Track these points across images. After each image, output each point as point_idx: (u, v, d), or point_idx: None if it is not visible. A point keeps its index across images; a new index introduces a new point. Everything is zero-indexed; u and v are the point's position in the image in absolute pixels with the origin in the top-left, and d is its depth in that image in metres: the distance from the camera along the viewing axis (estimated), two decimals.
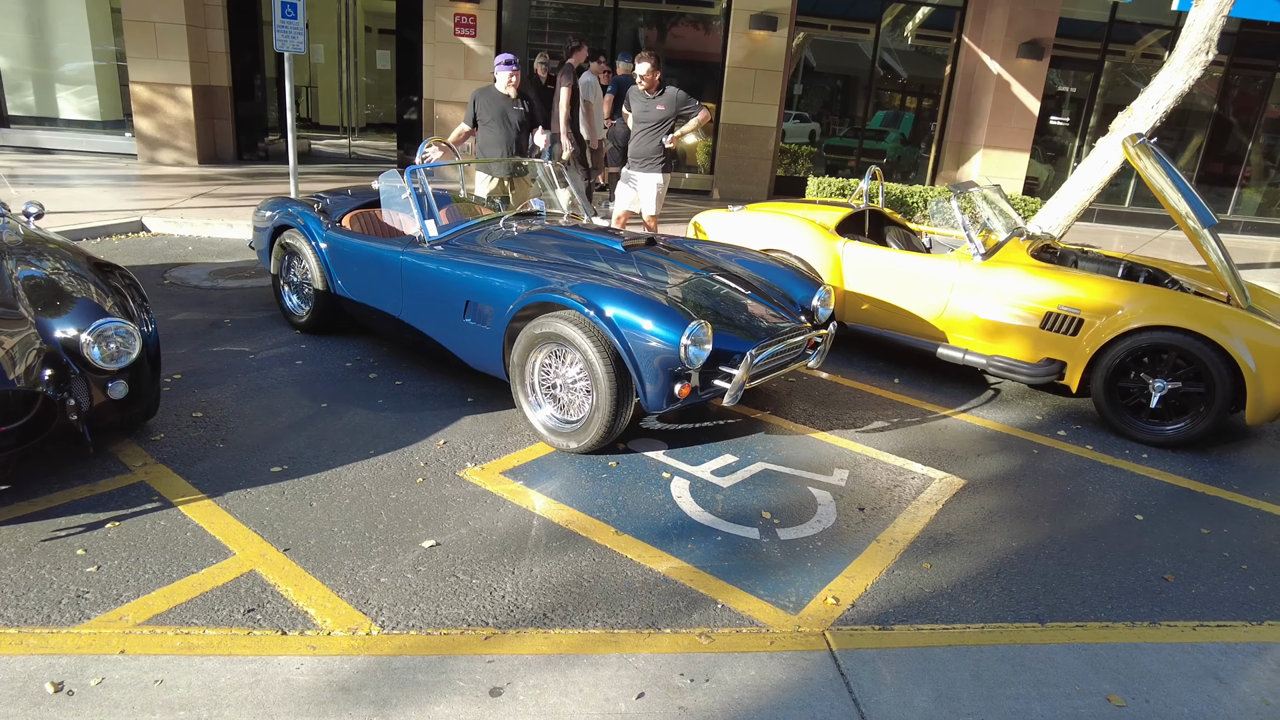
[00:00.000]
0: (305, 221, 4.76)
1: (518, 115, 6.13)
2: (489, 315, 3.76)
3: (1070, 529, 3.30)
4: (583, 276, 3.53)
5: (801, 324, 3.86)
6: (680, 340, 3.18)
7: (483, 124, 6.16)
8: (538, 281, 3.58)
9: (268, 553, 2.70)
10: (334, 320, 4.87)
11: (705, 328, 3.24)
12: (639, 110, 6.29)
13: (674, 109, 6.22)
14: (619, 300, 3.31)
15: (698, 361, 3.23)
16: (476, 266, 3.83)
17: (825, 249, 5.23)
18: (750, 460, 3.65)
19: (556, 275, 3.58)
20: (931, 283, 4.86)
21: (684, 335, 3.18)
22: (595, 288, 3.40)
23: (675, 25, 12.28)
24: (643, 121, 6.24)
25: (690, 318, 3.25)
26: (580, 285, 3.44)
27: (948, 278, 4.81)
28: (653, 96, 6.24)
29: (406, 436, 3.64)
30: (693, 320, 3.23)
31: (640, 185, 6.37)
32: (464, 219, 4.48)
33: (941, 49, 13.06)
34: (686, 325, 3.20)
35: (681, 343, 3.18)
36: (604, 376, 3.28)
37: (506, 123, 6.10)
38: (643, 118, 6.23)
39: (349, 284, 4.56)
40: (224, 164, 11.32)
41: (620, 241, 4.11)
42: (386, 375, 4.36)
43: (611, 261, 3.91)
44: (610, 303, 3.31)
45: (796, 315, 3.94)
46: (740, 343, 3.49)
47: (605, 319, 3.28)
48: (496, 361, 3.80)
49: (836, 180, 8.62)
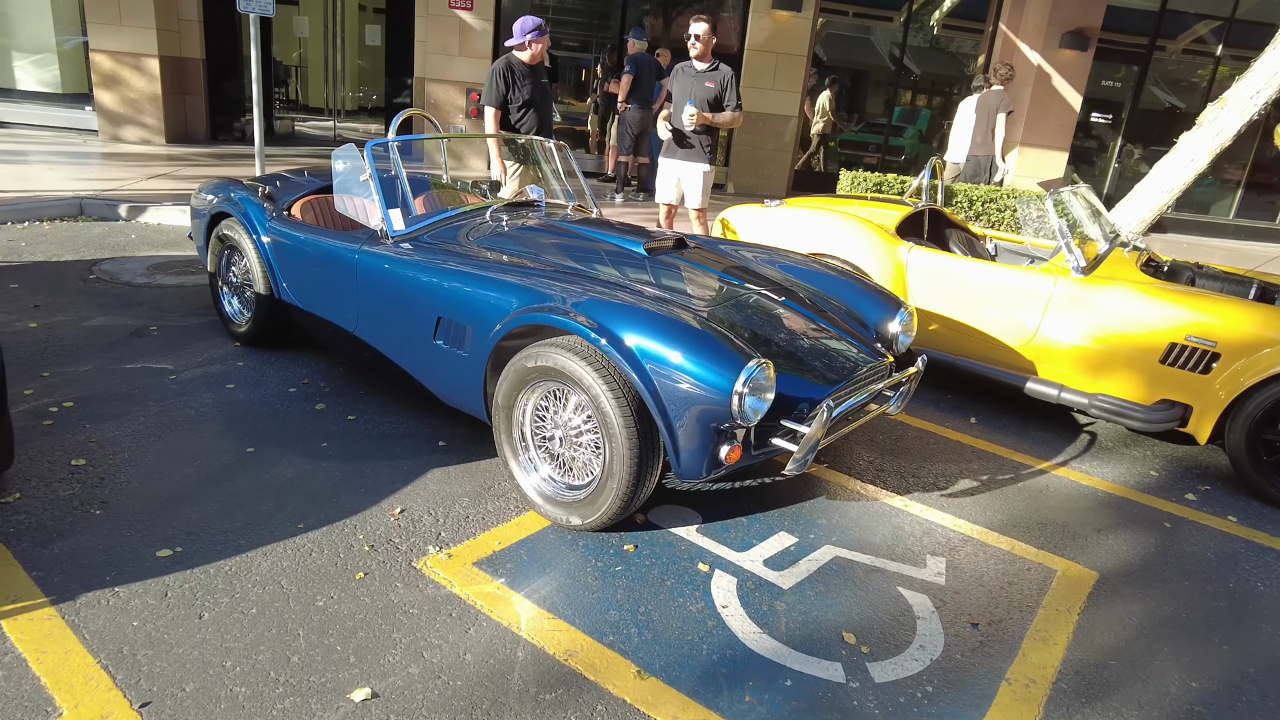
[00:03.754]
0: (246, 209, 3.83)
1: (545, 90, 5.18)
2: (467, 337, 2.84)
3: (1261, 656, 2.39)
4: (592, 290, 2.61)
5: (881, 358, 2.94)
6: (733, 387, 2.26)
7: (515, 107, 5.12)
8: (532, 295, 2.65)
9: (113, 712, 1.78)
10: (280, 331, 3.94)
11: (767, 369, 2.31)
12: (683, 90, 5.26)
13: (723, 90, 5.23)
14: (643, 325, 2.39)
15: (755, 416, 2.31)
16: (452, 272, 2.90)
17: (886, 255, 4.31)
18: (813, 542, 2.73)
19: (557, 287, 2.66)
20: (1020, 301, 3.94)
21: (739, 380, 2.26)
22: (609, 306, 2.48)
23: (688, 6, 11.32)
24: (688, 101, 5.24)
25: (746, 354, 2.33)
26: (589, 302, 2.52)
27: (1040, 296, 3.89)
28: (704, 70, 5.20)
29: (351, 500, 2.71)
30: (750, 359, 2.31)
31: (685, 176, 5.40)
32: (441, 209, 3.55)
33: (971, 41, 12.13)
34: (742, 366, 2.28)
35: (735, 390, 2.26)
36: (621, 430, 2.36)
37: (542, 102, 5.13)
38: (688, 96, 5.24)
39: (296, 288, 3.63)
40: (195, 144, 10.35)
41: (641, 242, 3.18)
42: (337, 406, 3.44)
43: (630, 269, 2.99)
44: (631, 328, 2.39)
45: (873, 346, 3.02)
46: (810, 387, 2.57)
47: (624, 351, 2.36)
48: (476, 398, 2.88)
49: (871, 175, 7.70)
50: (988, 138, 7.79)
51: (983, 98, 7.78)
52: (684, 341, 2.33)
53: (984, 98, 7.76)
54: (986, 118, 7.70)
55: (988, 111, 7.67)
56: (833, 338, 2.89)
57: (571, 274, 2.83)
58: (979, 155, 7.93)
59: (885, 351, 3.04)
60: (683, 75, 5.26)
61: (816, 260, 3.54)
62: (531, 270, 2.84)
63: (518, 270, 2.83)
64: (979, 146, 7.90)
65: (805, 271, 3.36)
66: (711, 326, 2.46)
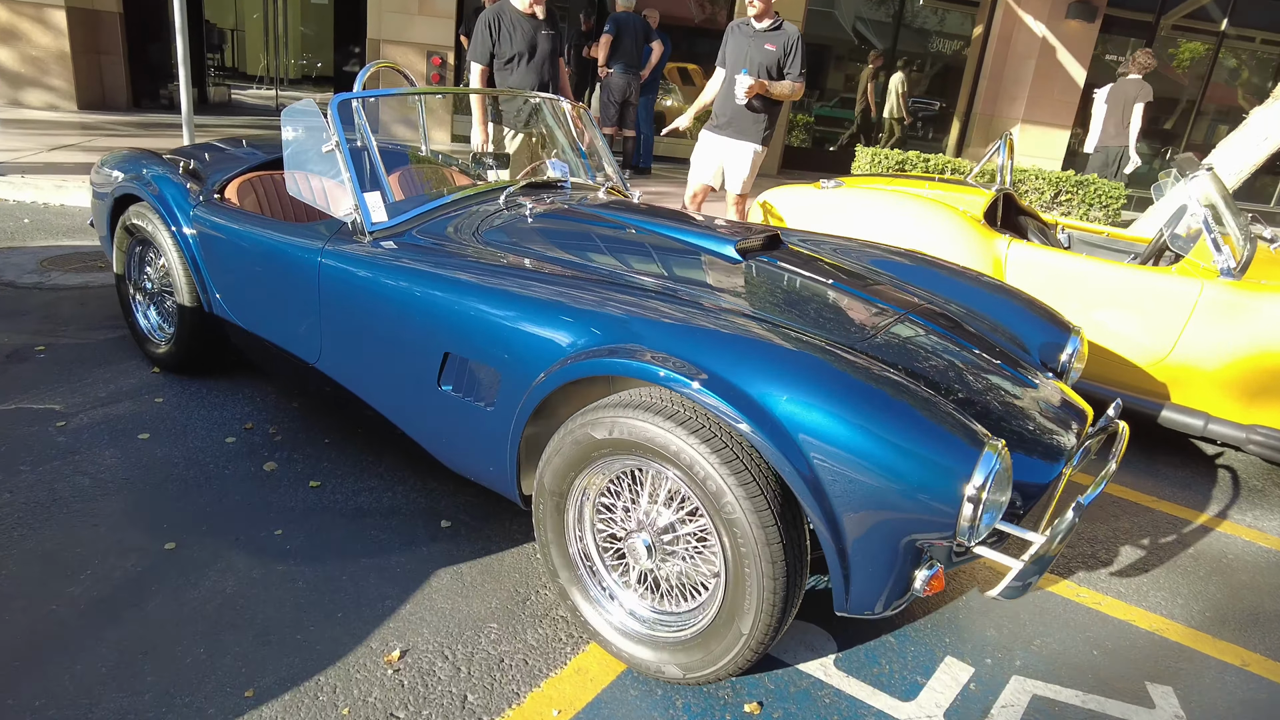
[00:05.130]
0: (162, 190, 2.83)
1: (549, 45, 4.23)
2: (491, 386, 1.94)
3: None
4: (696, 320, 1.73)
5: (1083, 411, 2.11)
6: (964, 488, 1.41)
7: (503, 61, 4.23)
8: (600, 327, 1.76)
9: None
10: (213, 352, 2.98)
11: (1005, 457, 1.47)
12: (737, 51, 4.34)
13: (786, 54, 4.29)
14: (800, 382, 1.53)
15: (983, 530, 1.47)
16: (466, 287, 1.99)
17: (979, 251, 3.51)
18: (996, 674, 1.92)
19: (634, 312, 1.78)
20: (1152, 311, 3.19)
21: (976, 477, 1.41)
22: (736, 349, 1.61)
23: None
24: (742, 68, 4.31)
25: (977, 436, 1.48)
26: (698, 341, 1.65)
27: (1179, 304, 3.14)
28: (764, 30, 4.26)
29: (324, 636, 1.81)
30: (984, 443, 1.46)
31: (731, 157, 4.48)
32: (432, 193, 2.62)
33: (962, 10, 11.42)
34: (976, 455, 1.43)
35: (967, 494, 1.41)
36: (758, 540, 1.51)
37: (539, 57, 4.18)
38: (743, 62, 4.31)
39: (234, 299, 2.67)
40: (114, 111, 9.05)
41: (729, 239, 2.30)
42: (294, 466, 2.50)
43: (727, 284, 2.11)
44: (778, 385, 1.53)
45: (1070, 394, 2.19)
46: (1029, 466, 1.74)
47: (766, 422, 1.50)
48: (502, 471, 1.98)
49: (893, 152, 6.91)
50: (1121, 128, 7.20)
51: (1117, 86, 7.16)
52: (873, 410, 1.48)
53: (1119, 86, 7.14)
54: (1122, 107, 7.09)
55: (1123, 101, 7.06)
56: (1025, 386, 2.05)
57: (644, 292, 1.93)
58: (1110, 146, 7.33)
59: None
60: (738, 34, 4.34)
61: (945, 264, 2.70)
62: (587, 284, 1.93)
63: (568, 285, 1.93)
64: (1111, 137, 7.31)
65: (943, 281, 2.51)
66: (910, 387, 1.59)
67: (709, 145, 4.60)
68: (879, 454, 1.45)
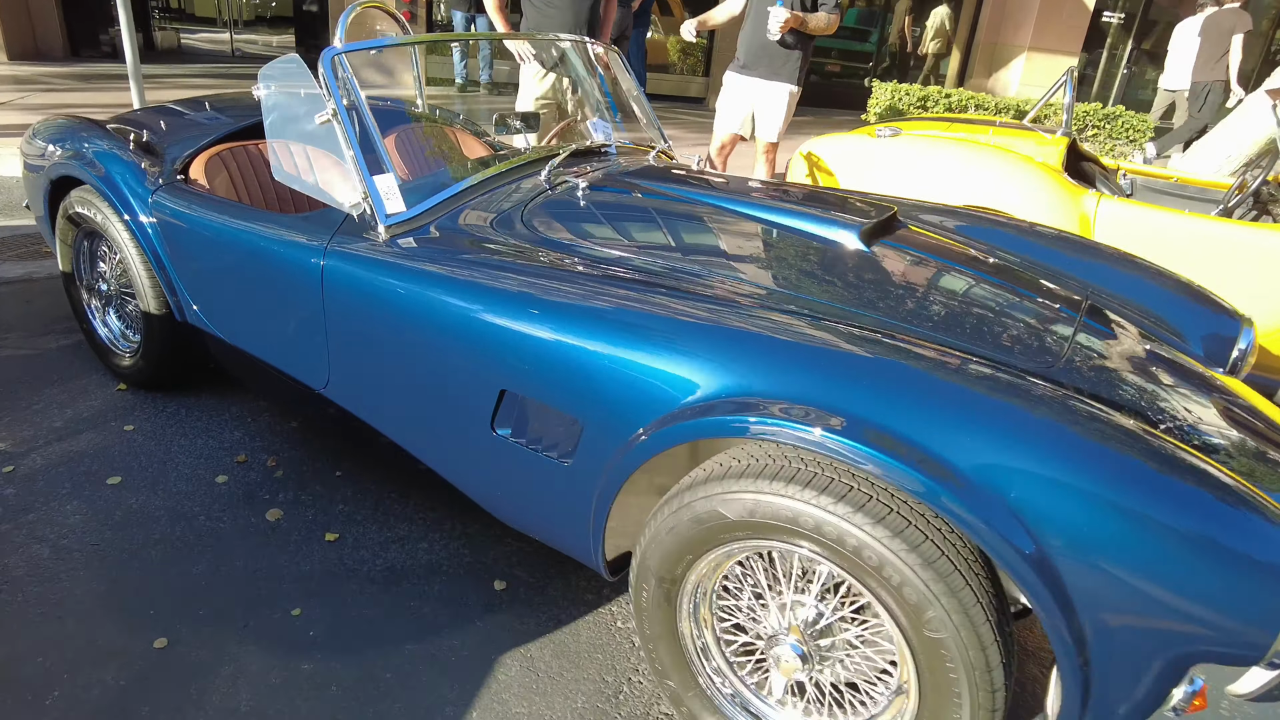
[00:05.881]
0: (109, 171, 2.29)
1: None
2: (568, 437, 1.50)
3: None
4: (834, 344, 1.29)
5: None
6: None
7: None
8: (719, 363, 1.32)
9: None
10: (190, 363, 2.49)
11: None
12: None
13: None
14: (1024, 443, 1.11)
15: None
16: (525, 304, 1.52)
17: (1064, 208, 3.09)
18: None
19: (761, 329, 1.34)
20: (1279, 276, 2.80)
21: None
22: (918, 397, 1.19)
23: None
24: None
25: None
26: (858, 384, 1.22)
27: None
28: None
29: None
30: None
31: (763, 100, 3.96)
32: (455, 170, 2.12)
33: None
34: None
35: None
36: (963, 647, 1.12)
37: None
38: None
39: (212, 306, 2.17)
40: (50, 62, 8.19)
41: (848, 224, 1.84)
42: (304, 511, 2.05)
43: (863, 285, 1.66)
44: (992, 447, 1.11)
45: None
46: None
47: (980, 502, 1.09)
48: (583, 541, 1.55)
49: (915, 87, 6.39)
50: (1214, 62, 6.65)
51: (1212, 17, 6.58)
52: (1150, 491, 1.07)
53: (1215, 17, 6.56)
54: (1217, 39, 6.54)
55: (1219, 33, 6.51)
56: (1236, 408, 1.63)
57: (766, 307, 1.47)
58: (1203, 80, 6.78)
59: None
60: None
61: (1079, 241, 2.26)
62: (690, 299, 1.47)
63: (668, 301, 1.46)
64: (1203, 71, 6.74)
65: (1085, 265, 2.07)
66: (1185, 457, 1.15)
67: (736, 89, 4.08)
68: (1163, 550, 1.04)
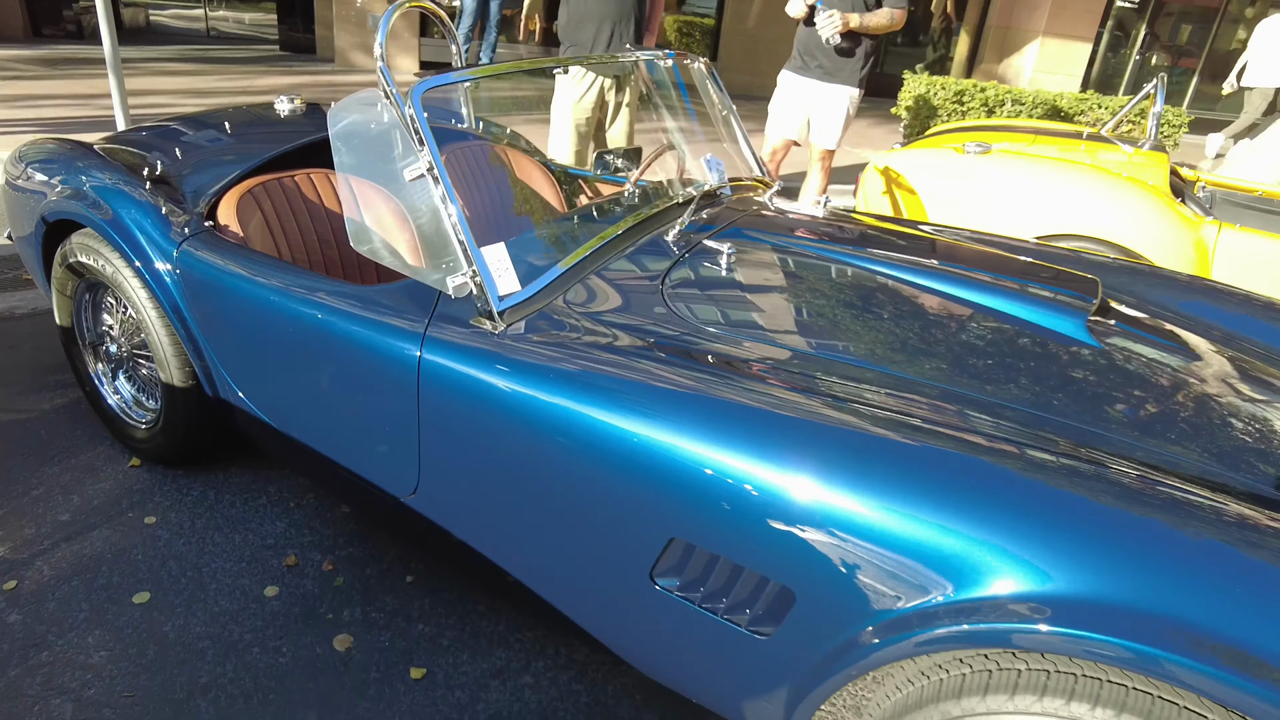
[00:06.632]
0: (121, 216, 1.89)
1: None
2: (770, 608, 1.15)
3: None
4: (1132, 505, 0.97)
5: None
6: None
7: None
8: (1000, 539, 0.99)
9: None
10: (215, 439, 2.11)
11: None
12: None
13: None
14: None
15: None
16: (718, 421, 1.17)
17: (1182, 239, 2.80)
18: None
19: (1051, 475, 1.01)
20: None
21: None
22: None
23: None
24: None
25: None
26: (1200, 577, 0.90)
27: None
28: None
29: None
30: None
31: (820, 103, 3.60)
32: (550, 223, 1.75)
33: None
34: None
35: None
36: None
37: None
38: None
39: (256, 384, 1.80)
40: (10, 44, 7.56)
41: (1055, 303, 1.51)
42: (379, 637, 1.69)
43: (1105, 402, 1.32)
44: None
45: None
46: None
47: None
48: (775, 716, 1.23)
49: (950, 80, 6.05)
50: None
51: None
52: None
53: None
54: None
55: None
56: None
57: (1028, 433, 1.14)
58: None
59: None
60: None
61: (1263, 301, 1.95)
62: (952, 433, 1.12)
63: (923, 431, 1.11)
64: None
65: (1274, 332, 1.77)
66: None
67: (791, 90, 3.72)
68: None
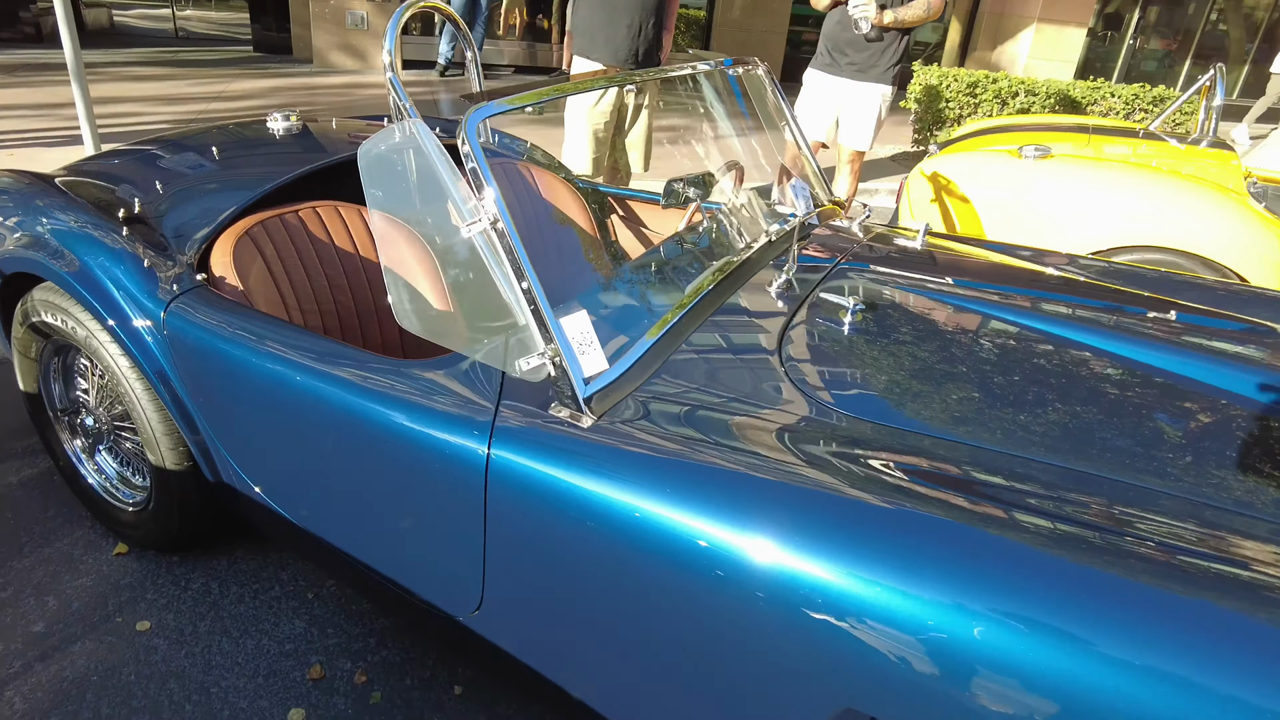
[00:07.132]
0: (91, 268, 1.56)
1: None
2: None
3: None
4: None
5: None
6: None
7: None
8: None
9: None
10: (217, 522, 1.81)
11: None
12: None
13: None
14: None
15: None
16: (900, 573, 0.90)
17: (1267, 249, 2.58)
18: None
19: None
20: None
21: None
22: None
23: None
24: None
25: None
26: None
27: None
28: None
29: None
30: None
31: (851, 103, 3.35)
32: (649, 293, 1.46)
33: None
34: None
35: None
36: None
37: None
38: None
39: (266, 471, 1.49)
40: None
41: (1254, 367, 1.25)
42: None
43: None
44: None
45: None
46: None
47: None
48: None
49: (963, 72, 5.81)
50: None
51: None
52: None
53: None
54: None
55: None
56: None
57: None
58: None
59: None
60: None
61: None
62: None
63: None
64: None
65: None
66: None
67: (819, 89, 3.46)
68: None
